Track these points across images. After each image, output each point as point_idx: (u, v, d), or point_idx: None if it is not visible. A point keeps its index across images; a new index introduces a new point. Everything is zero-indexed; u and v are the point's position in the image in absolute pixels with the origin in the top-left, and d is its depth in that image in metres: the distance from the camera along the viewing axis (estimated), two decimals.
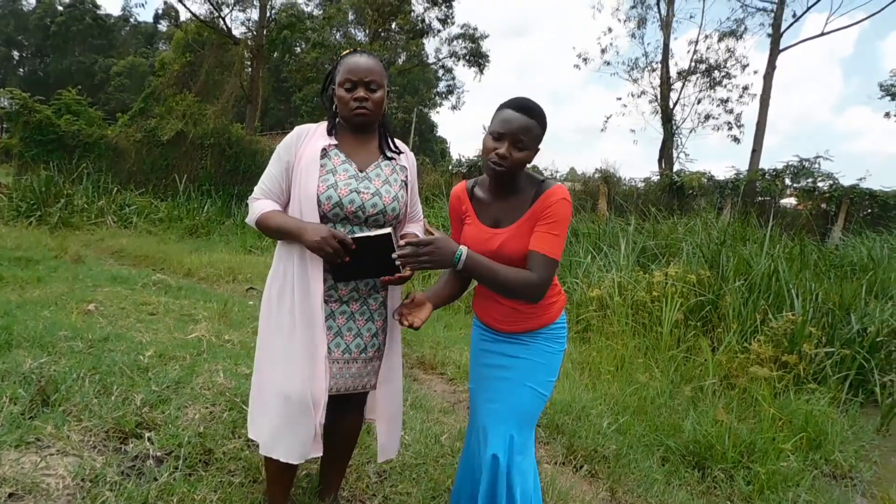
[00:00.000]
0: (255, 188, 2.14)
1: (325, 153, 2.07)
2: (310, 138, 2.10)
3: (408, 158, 2.26)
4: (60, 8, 51.99)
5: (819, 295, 5.86)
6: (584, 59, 24.07)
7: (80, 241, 9.86)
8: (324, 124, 2.16)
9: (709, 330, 5.58)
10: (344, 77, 2.04)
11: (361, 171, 2.09)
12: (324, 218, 2.01)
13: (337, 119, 2.17)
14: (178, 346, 3.96)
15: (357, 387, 2.19)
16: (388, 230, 1.91)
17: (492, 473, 2.03)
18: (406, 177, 2.22)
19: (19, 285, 5.79)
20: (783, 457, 3.60)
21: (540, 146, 2.02)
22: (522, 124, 1.93)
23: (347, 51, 2.14)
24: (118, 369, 3.25)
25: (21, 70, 55.59)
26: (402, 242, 1.88)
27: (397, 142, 2.27)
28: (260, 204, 2.09)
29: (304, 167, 2.03)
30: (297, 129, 2.15)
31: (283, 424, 2.01)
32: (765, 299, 5.77)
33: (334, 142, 2.10)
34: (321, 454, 2.07)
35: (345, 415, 2.31)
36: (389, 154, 2.19)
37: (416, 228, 2.27)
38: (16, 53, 56.32)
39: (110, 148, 14.77)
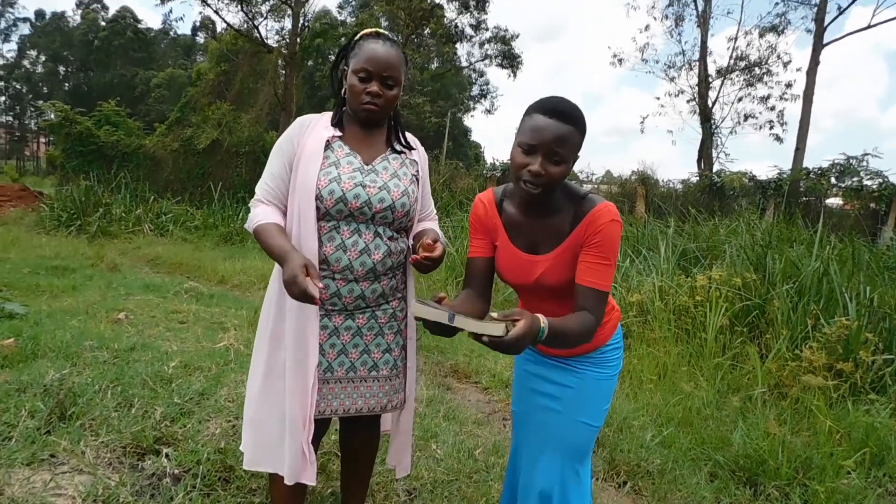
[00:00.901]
0: (257, 188, 1.95)
1: (328, 145, 1.90)
2: (313, 128, 1.93)
3: (419, 153, 2.08)
4: (103, 23, 53.43)
5: (874, 299, 5.54)
6: (620, 60, 23.73)
7: (117, 249, 9.97)
8: (328, 114, 2.00)
9: (756, 336, 5.30)
10: (360, 65, 1.85)
11: (367, 164, 1.92)
12: (326, 215, 1.84)
13: (343, 107, 1.99)
14: (205, 356, 3.87)
15: (374, 407, 2.02)
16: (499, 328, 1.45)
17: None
18: (417, 171, 2.04)
19: (54, 294, 5.82)
20: (843, 473, 3.35)
21: (579, 153, 1.69)
22: (558, 133, 1.59)
23: (367, 30, 1.94)
24: (141, 380, 3.18)
25: (66, 85, 57.20)
26: (485, 339, 1.44)
27: (409, 136, 2.09)
28: (259, 212, 1.89)
29: (306, 159, 1.86)
30: (299, 119, 1.98)
31: (269, 439, 1.91)
32: (815, 303, 5.46)
33: (339, 133, 1.93)
34: (313, 482, 1.88)
35: (355, 433, 2.18)
36: (399, 148, 2.02)
37: (432, 224, 2.11)
38: (62, 68, 57.96)
39: (148, 157, 15.03)
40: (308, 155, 1.86)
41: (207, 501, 2.23)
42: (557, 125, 1.59)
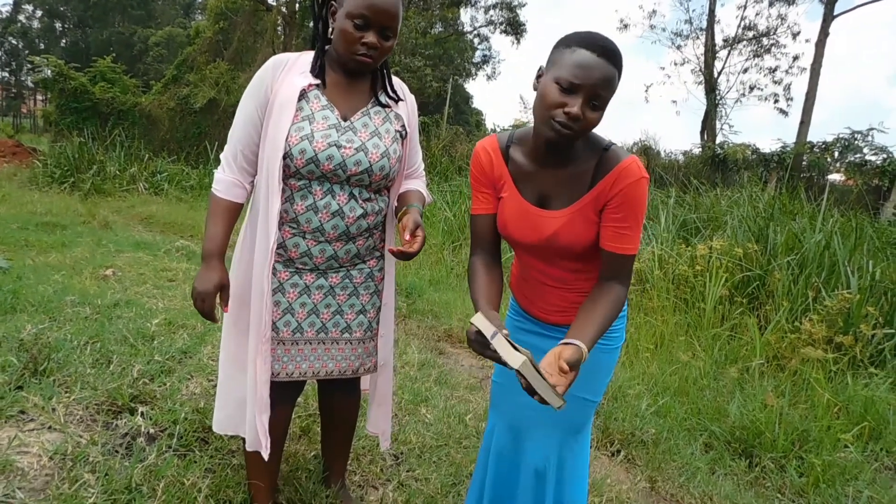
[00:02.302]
0: (226, 149, 1.77)
1: (303, 94, 1.68)
2: (287, 72, 1.70)
3: (406, 104, 1.86)
4: None
5: (876, 273, 5.44)
6: (626, 25, 23.33)
7: (110, 207, 9.82)
8: (306, 56, 1.76)
9: (756, 307, 5.22)
10: (358, 10, 1.60)
11: (345, 120, 1.71)
12: (296, 174, 1.67)
13: (326, 47, 1.77)
14: (190, 314, 3.76)
15: (345, 371, 1.91)
16: (521, 360, 1.31)
17: (537, 487, 1.75)
18: (402, 126, 1.83)
19: (42, 250, 5.68)
20: (840, 447, 3.28)
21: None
22: (606, 75, 1.39)
23: None
24: (121, 337, 3.07)
25: (63, 41, 56.28)
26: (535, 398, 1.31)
27: (396, 83, 1.86)
28: (223, 178, 1.75)
29: (277, 109, 1.66)
30: (273, 59, 1.74)
31: (234, 402, 1.87)
32: (817, 276, 5.37)
33: (316, 81, 1.71)
34: (265, 455, 1.77)
35: (332, 395, 2.08)
36: (384, 100, 1.80)
37: (417, 184, 1.94)
38: (58, 24, 56.98)
39: (144, 115, 14.81)
40: (280, 105, 1.66)
41: (182, 462, 2.14)
42: (606, 66, 1.39)
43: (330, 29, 1.72)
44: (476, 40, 29.69)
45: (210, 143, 14.50)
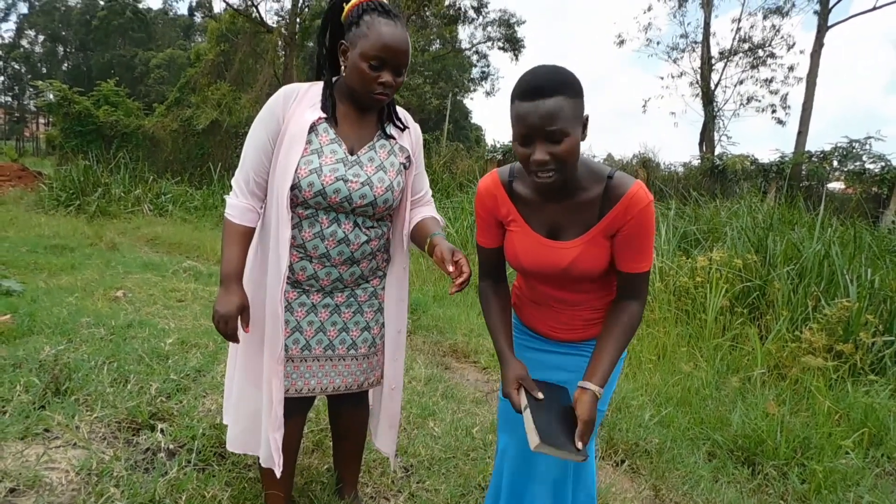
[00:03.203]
0: (237, 174, 1.81)
1: (313, 127, 1.75)
2: (298, 104, 1.77)
3: (411, 134, 1.94)
4: (102, 2, 52.98)
5: (875, 281, 5.51)
6: (622, 41, 23.56)
7: (116, 229, 9.94)
8: (316, 88, 1.82)
9: (756, 317, 5.29)
10: (373, 52, 1.66)
11: (352, 154, 1.78)
12: (303, 203, 1.75)
13: (335, 79, 1.83)
14: (202, 333, 3.85)
15: (350, 385, 1.99)
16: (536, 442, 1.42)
17: (556, 495, 1.82)
18: (407, 157, 1.91)
19: (52, 272, 5.79)
20: (841, 454, 3.34)
21: (585, 113, 1.47)
22: (544, 112, 1.39)
23: None
24: (137, 357, 3.16)
25: (65, 65, 56.88)
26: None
27: (402, 113, 1.94)
28: (236, 203, 1.80)
29: (288, 141, 1.73)
30: (283, 90, 1.79)
31: (247, 421, 1.94)
32: (816, 285, 5.44)
33: (324, 115, 1.77)
34: (277, 473, 1.84)
35: (341, 410, 2.16)
36: (390, 131, 1.88)
37: (429, 211, 2.00)
38: (60, 49, 57.59)
39: (147, 138, 14.96)
40: (291, 137, 1.73)
41: (202, 476, 2.22)
42: (539, 104, 1.39)
43: (342, 67, 1.77)
44: (475, 57, 29.98)
45: (213, 164, 14.67)
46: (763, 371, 4.30)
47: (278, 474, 1.84)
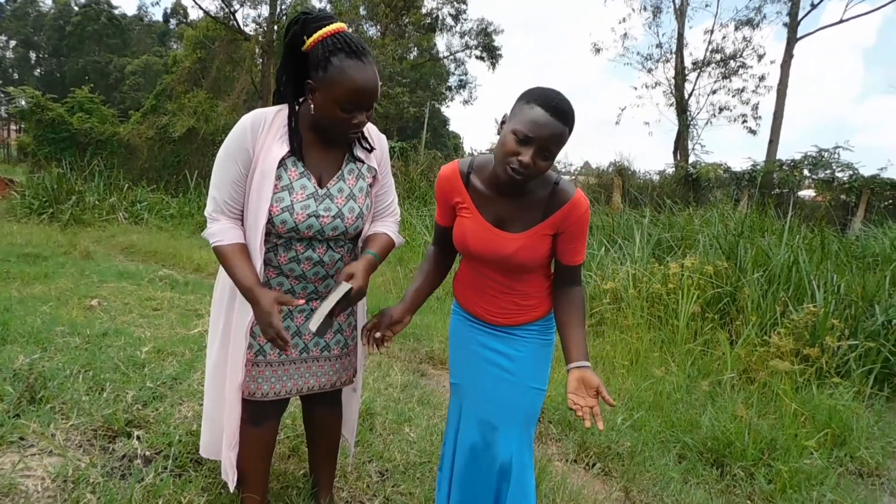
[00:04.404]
0: (210, 201, 1.80)
1: (282, 162, 1.75)
2: (265, 134, 1.75)
3: (378, 152, 1.95)
4: (76, 8, 52.42)
5: (841, 286, 5.66)
6: (598, 49, 23.80)
7: (90, 237, 9.85)
8: (281, 116, 1.79)
9: (727, 323, 5.40)
10: (346, 97, 1.65)
11: (321, 188, 1.80)
12: (277, 237, 1.80)
13: (296, 112, 1.79)
14: (178, 342, 3.86)
15: (324, 385, 2.07)
16: (344, 288, 1.71)
17: (511, 474, 1.89)
18: (374, 176, 1.94)
19: (25, 281, 5.73)
20: (806, 454, 3.44)
21: None
22: (556, 132, 1.60)
23: (331, 32, 1.65)
24: (113, 365, 3.16)
25: (38, 70, 56.07)
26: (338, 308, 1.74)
27: (368, 130, 1.92)
28: (218, 229, 1.78)
29: (258, 177, 1.73)
30: (248, 120, 1.75)
31: (216, 429, 2.00)
32: (785, 291, 5.57)
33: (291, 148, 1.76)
34: (231, 487, 1.95)
35: (313, 410, 2.22)
36: (358, 153, 1.89)
37: (385, 226, 2.02)
38: (32, 54, 56.77)
39: (122, 145, 14.85)
40: (261, 174, 1.73)
41: (178, 482, 2.24)
42: (557, 125, 1.60)
43: (310, 105, 1.74)
44: (452, 65, 30.13)
45: (189, 172, 14.57)
46: (733, 375, 4.40)
47: (231, 489, 1.94)
